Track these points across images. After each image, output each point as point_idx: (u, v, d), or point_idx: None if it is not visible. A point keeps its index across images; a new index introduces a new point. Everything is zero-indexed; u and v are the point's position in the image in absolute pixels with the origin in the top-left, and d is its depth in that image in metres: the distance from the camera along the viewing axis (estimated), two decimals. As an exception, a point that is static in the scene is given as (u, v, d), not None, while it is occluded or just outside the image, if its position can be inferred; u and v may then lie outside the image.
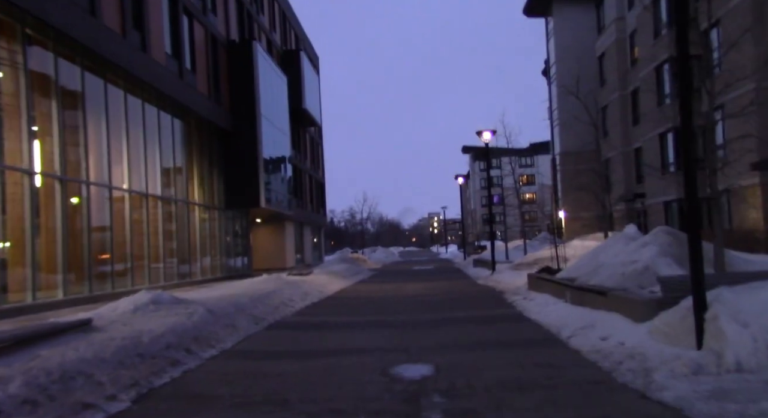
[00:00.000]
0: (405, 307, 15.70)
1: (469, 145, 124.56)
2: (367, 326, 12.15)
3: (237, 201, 31.37)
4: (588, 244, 24.65)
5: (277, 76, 36.75)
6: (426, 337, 10.41)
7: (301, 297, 17.26)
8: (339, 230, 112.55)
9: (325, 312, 15.03)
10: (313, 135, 54.47)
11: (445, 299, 17.38)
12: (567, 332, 9.59)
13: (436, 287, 22.07)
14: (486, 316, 12.94)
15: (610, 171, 42.65)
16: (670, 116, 31.84)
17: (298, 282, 19.98)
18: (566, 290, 12.67)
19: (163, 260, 23.31)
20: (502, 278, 22.24)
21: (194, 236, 26.81)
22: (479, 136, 25.26)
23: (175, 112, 25.09)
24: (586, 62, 45.43)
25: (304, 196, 49.19)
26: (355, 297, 19.33)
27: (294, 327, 12.26)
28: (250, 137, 31.23)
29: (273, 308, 14.26)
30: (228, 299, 13.64)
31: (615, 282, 10.59)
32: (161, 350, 8.29)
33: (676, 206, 31.45)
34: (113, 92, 20.03)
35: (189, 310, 10.71)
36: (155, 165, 23.16)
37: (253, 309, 13.15)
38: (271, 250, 41.77)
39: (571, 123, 47.39)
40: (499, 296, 17.03)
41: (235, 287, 17.43)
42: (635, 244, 11.84)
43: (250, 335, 11.07)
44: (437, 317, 13.08)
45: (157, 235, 23.12)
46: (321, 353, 9.28)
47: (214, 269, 29.01)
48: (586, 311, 10.67)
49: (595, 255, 13.17)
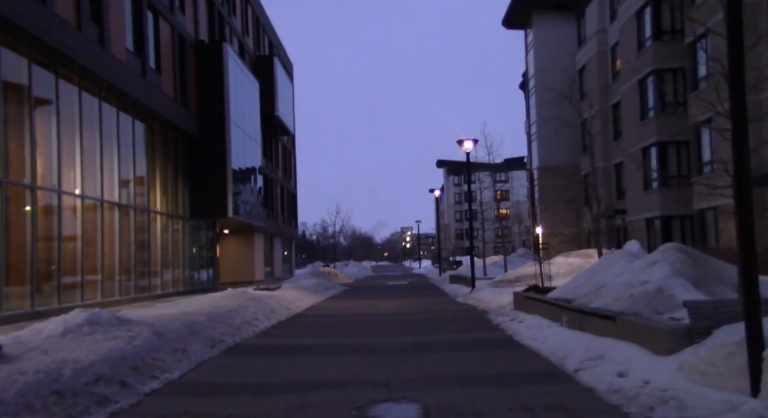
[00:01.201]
0: (382, 327, 14.27)
1: (444, 160, 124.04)
2: (339, 351, 10.70)
3: (203, 210, 29.69)
4: (572, 261, 23.53)
5: (249, 81, 35.24)
6: (408, 366, 9.00)
7: (266, 315, 15.72)
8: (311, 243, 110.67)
9: (293, 333, 13.53)
10: (285, 144, 52.94)
11: (425, 319, 15.98)
12: (572, 363, 8.26)
13: (414, 305, 20.67)
14: (473, 340, 11.56)
15: (589, 186, 41.96)
16: (653, 130, 31.15)
17: (264, 298, 18.42)
18: (562, 312, 11.37)
19: (119, 273, 21.55)
20: (483, 296, 20.93)
21: (155, 247, 25.07)
22: (460, 145, 24.03)
23: (137, 114, 23.44)
24: (565, 75, 44.80)
25: (275, 208, 47.55)
26: (326, 315, 17.84)
27: (256, 352, 10.74)
28: (219, 143, 29.64)
29: (234, 328, 12.71)
30: (182, 317, 12.07)
31: (623, 305, 9.30)
32: (87, 385, 6.75)
33: (659, 223, 30.56)
34: (66, 88, 18.38)
35: (131, 332, 9.16)
36: (113, 170, 21.46)
37: (211, 330, 11.61)
38: (239, 262, 40.00)
39: (550, 137, 46.77)
40: (483, 317, 15.69)
41: (194, 303, 15.82)
42: (641, 262, 10.59)
43: (203, 362, 9.54)
44: (418, 341, 11.68)
45: (113, 245, 21.39)
46: (285, 386, 7.81)
47: (176, 283, 27.24)
48: (590, 338, 9.36)
49: (593, 274, 11.91)
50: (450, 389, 7.42)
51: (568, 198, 42.44)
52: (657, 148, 30.71)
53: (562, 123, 45.18)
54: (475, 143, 24.44)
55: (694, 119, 26.68)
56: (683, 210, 29.51)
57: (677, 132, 29.45)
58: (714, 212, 25.55)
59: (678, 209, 29.76)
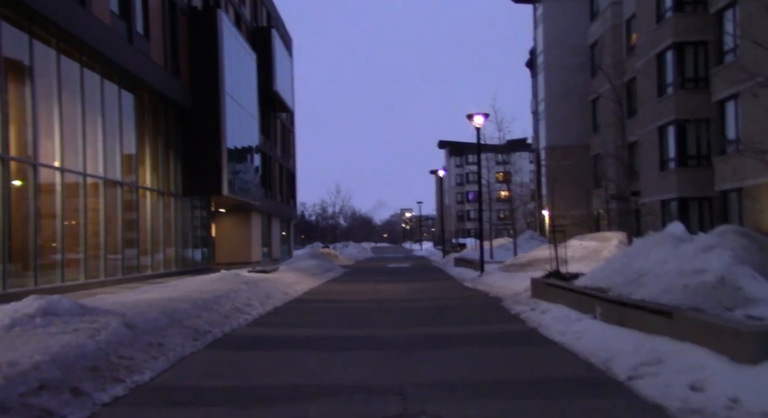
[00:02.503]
0: (388, 316, 12.88)
1: (446, 140, 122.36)
2: (342, 346, 9.30)
3: (196, 188, 28.21)
4: (587, 244, 22.11)
5: (245, 52, 33.58)
6: (423, 367, 7.61)
7: (261, 300, 14.32)
8: (310, 224, 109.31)
9: (289, 321, 12.15)
10: (284, 121, 51.31)
11: (435, 306, 14.59)
12: (622, 368, 6.85)
13: (420, 290, 19.29)
14: (494, 334, 10.17)
15: (599, 167, 40.46)
16: (671, 108, 29.58)
17: (259, 281, 17.02)
18: (595, 302, 9.96)
19: (105, 252, 20.14)
20: (494, 281, 19.56)
21: (144, 226, 23.64)
22: (470, 119, 22.48)
23: (124, 83, 21.87)
24: (576, 51, 43.08)
25: (273, 186, 46.07)
26: (326, 301, 16.46)
27: (246, 345, 9.34)
28: (213, 117, 28.07)
29: (222, 315, 11.32)
30: (164, 304, 10.67)
31: (676, 298, 7.89)
32: (26, 395, 5.36)
33: (676, 205, 29.12)
34: (42, 51, 16.81)
35: (96, 324, 7.76)
36: (96, 142, 19.95)
37: (195, 319, 10.20)
38: (235, 243, 38.61)
39: (559, 116, 45.18)
40: (499, 305, 14.29)
41: (181, 287, 14.41)
42: (691, 247, 9.16)
43: (182, 359, 8.14)
44: (431, 333, 10.29)
45: (98, 222, 19.96)
46: (277, 393, 6.42)
47: (168, 263, 25.85)
48: (636, 336, 7.96)
49: (629, 260, 10.48)
50: (477, 400, 6.04)
51: (578, 179, 41.02)
52: (675, 126, 29.15)
53: (573, 101, 43.74)
54: (486, 118, 22.90)
55: (718, 95, 25.12)
56: (702, 192, 28.06)
57: (697, 109, 27.89)
58: (738, 194, 24.08)
59: (697, 190, 28.31)
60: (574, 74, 43.61)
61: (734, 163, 24.11)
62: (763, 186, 22.05)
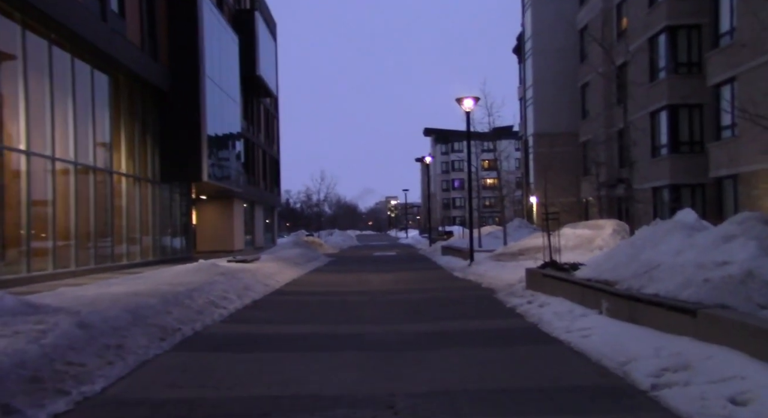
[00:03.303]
0: (375, 310, 12.02)
1: (432, 128, 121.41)
2: (324, 345, 8.44)
3: (175, 174, 27.14)
4: (581, 232, 21.35)
5: (227, 34, 32.40)
6: (416, 372, 6.76)
7: (238, 293, 13.41)
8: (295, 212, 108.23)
9: (268, 317, 11.25)
10: (268, 107, 50.12)
11: (424, 298, 13.75)
12: (643, 374, 6.04)
13: (408, 280, 18.45)
14: (491, 331, 9.33)
15: (588, 154, 39.77)
16: (664, 93, 28.85)
17: (238, 272, 16.09)
18: (601, 297, 9.16)
19: (75, 241, 19.09)
20: (484, 271, 18.75)
21: (119, 213, 22.58)
22: (459, 103, 21.57)
23: (97, 63, 20.73)
24: (566, 36, 42.28)
25: (257, 173, 44.99)
26: (309, 293, 15.57)
27: (217, 345, 8.45)
28: (193, 100, 26.97)
29: (195, 311, 10.40)
30: (128, 299, 9.72)
31: (697, 293, 7.10)
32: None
33: (668, 192, 28.48)
34: (6, 26, 15.68)
35: (44, 324, 6.82)
36: (67, 124, 18.85)
37: (164, 315, 9.28)
38: (217, 230, 37.57)
39: (547, 103, 44.39)
40: (492, 297, 13.48)
41: (152, 279, 13.44)
42: (708, 237, 8.37)
43: (144, 363, 7.23)
44: (423, 330, 9.44)
45: (68, 209, 18.90)
46: (248, 407, 5.55)
47: (144, 252, 24.81)
48: (653, 336, 7.17)
49: (636, 250, 9.67)
50: (480, 415, 5.20)
51: (567, 166, 40.33)
52: (668, 111, 28.49)
53: (562, 87, 42.93)
54: (476, 102, 21.99)
55: (714, 79, 24.41)
56: (695, 178, 27.47)
57: (690, 94, 27.23)
58: (734, 180, 23.43)
59: (689, 177, 27.70)
60: (563, 60, 42.86)
61: (730, 149, 23.47)
62: (761, 172, 21.40)
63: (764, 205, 21.24)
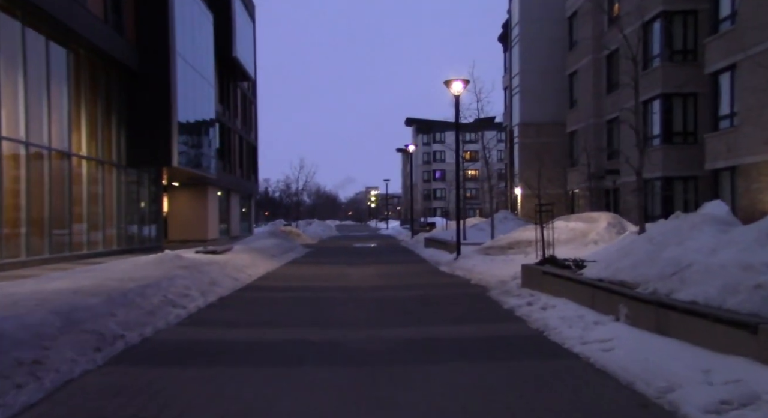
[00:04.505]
0: (356, 310, 10.64)
1: (413, 118, 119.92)
2: (296, 357, 7.05)
3: (143, 158, 25.41)
4: (574, 226, 20.21)
5: (201, 12, 30.64)
6: (407, 397, 5.40)
7: (202, 289, 11.96)
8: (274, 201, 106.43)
9: (233, 318, 9.82)
10: (245, 91, 48.31)
11: (411, 296, 12.40)
12: (696, 409, 4.75)
13: (391, 275, 17.09)
14: (491, 338, 8.01)
15: (576, 144, 38.68)
16: (658, 81, 27.72)
17: (204, 264, 14.60)
18: (620, 301, 7.88)
19: (27, 228, 17.45)
20: (473, 266, 17.47)
21: (79, 198, 20.90)
22: (448, 86, 20.19)
23: (53, 34, 18.99)
24: (555, 22, 41.08)
25: (233, 160, 43.27)
26: (283, 288, 14.15)
27: (166, 357, 7.02)
28: (162, 80, 25.24)
29: (146, 312, 8.94)
30: (63, 298, 8.23)
31: (745, 301, 5.84)
32: None
33: (660, 185, 27.42)
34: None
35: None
36: (16, 99, 17.14)
37: (105, 318, 7.82)
38: (190, 219, 35.90)
39: (534, 92, 43.16)
40: (486, 296, 12.17)
41: (102, 273, 11.90)
42: (750, 233, 7.11)
43: (68, 383, 5.79)
44: (412, 336, 8.10)
45: (18, 193, 17.24)
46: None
47: (108, 241, 23.15)
48: (694, 353, 5.90)
49: (658, 247, 8.39)
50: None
51: (553, 157, 39.20)
52: (661, 100, 27.38)
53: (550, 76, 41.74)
54: (466, 85, 20.62)
55: (712, 66, 23.30)
56: (688, 170, 26.44)
57: (685, 83, 26.10)
58: (732, 172, 22.37)
59: (683, 168, 26.66)
60: (550, 48, 41.68)
61: (729, 140, 22.42)
62: (762, 164, 20.33)
63: (765, 199, 20.20)
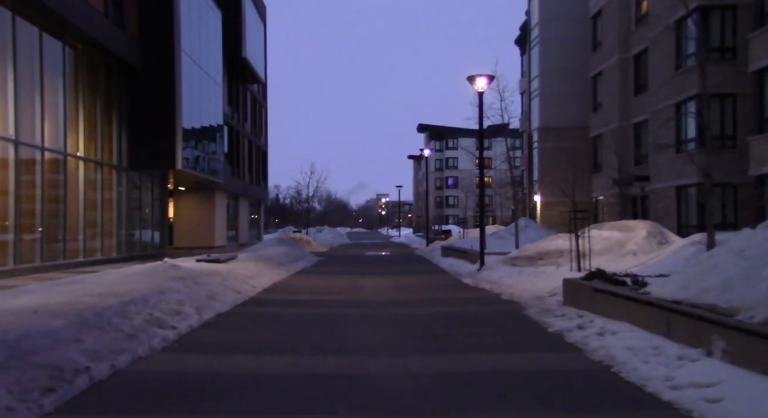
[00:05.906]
0: (373, 333, 9.08)
1: (426, 124, 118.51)
2: (299, 400, 5.51)
3: (146, 160, 24.05)
4: (608, 235, 18.54)
5: (209, 8, 29.34)
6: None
7: (198, 304, 10.45)
8: (284, 207, 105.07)
9: (230, 342, 8.30)
10: (255, 95, 47.01)
11: (434, 313, 10.81)
12: None
13: (410, 287, 15.52)
14: (543, 373, 6.40)
15: (600, 149, 37.01)
16: (693, 81, 26.08)
17: (203, 275, 13.09)
18: (712, 331, 6.28)
19: (16, 234, 16.05)
20: (500, 278, 15.86)
21: (75, 202, 19.53)
22: (471, 82, 18.67)
23: (48, 27, 17.68)
24: (576, 23, 39.51)
25: (242, 164, 41.91)
26: (290, 302, 12.61)
27: (139, 400, 5.50)
28: (167, 78, 23.90)
29: (125, 335, 7.44)
30: (18, 320, 6.73)
31: None
32: None
33: (695, 192, 25.69)
34: None
35: None
36: (5, 95, 15.80)
37: (67, 346, 6.31)
38: (196, 225, 34.54)
39: (555, 95, 41.48)
40: (522, 315, 10.56)
41: (80, 287, 10.35)
42: None
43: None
44: (444, 370, 6.52)
45: (7, 195, 15.86)
46: None
47: (107, 248, 21.75)
48: None
49: (753, 262, 6.77)
50: None
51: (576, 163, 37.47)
52: (698, 102, 25.69)
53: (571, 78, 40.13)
54: (491, 81, 19.09)
55: (757, 64, 21.65)
56: (726, 177, 24.70)
57: (723, 83, 24.42)
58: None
59: (720, 175, 24.87)
60: (572, 49, 40.10)
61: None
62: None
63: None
